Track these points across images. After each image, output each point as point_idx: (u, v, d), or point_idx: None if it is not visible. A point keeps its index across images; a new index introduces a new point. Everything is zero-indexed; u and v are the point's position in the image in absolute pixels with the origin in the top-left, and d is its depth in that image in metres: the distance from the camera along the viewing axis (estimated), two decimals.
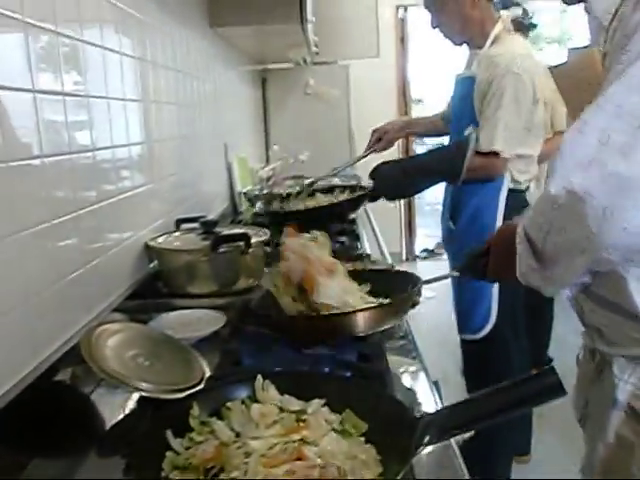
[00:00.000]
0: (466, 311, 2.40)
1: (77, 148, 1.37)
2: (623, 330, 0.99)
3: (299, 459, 0.79)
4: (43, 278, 1.20)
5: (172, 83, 2.20)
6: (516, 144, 2.18)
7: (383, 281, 1.42)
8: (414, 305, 1.27)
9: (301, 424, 0.88)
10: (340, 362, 1.20)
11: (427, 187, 2.28)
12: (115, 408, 1.20)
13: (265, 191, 3.06)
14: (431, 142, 8.48)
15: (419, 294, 1.28)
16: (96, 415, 1.20)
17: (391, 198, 2.32)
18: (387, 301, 1.30)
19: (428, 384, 1.17)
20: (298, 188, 2.67)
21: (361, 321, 1.19)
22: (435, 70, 8.56)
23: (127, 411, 1.19)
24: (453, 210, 2.41)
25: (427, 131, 2.95)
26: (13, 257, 1.09)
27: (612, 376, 1.03)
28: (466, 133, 2.09)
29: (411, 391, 1.14)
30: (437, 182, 2.31)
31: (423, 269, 4.28)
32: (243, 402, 0.98)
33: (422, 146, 8.48)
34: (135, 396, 1.20)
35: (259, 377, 1.00)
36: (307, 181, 2.72)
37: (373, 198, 2.30)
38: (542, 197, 0.96)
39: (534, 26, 3.26)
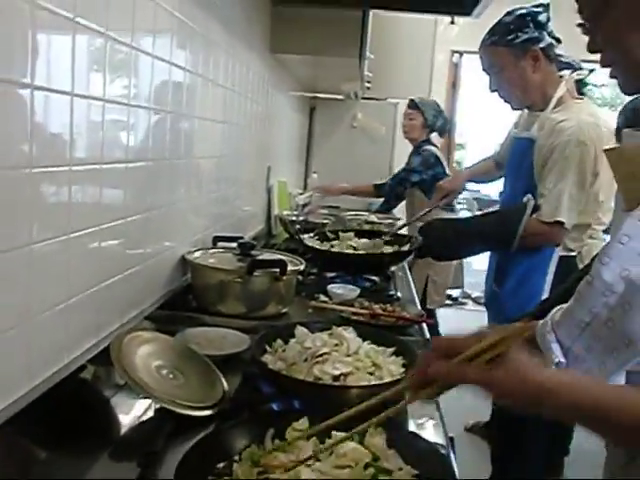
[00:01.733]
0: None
1: (132, 157, 1.41)
2: None
3: None
4: (84, 280, 1.23)
5: (227, 101, 2.24)
6: (577, 214, 2.11)
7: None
8: None
9: None
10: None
11: (479, 252, 2.26)
12: (133, 415, 1.22)
13: (302, 218, 3.10)
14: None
15: None
16: (114, 419, 1.22)
17: (438, 258, 2.30)
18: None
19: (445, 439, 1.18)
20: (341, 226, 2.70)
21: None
22: (481, 118, 8.57)
23: (145, 419, 1.21)
24: (498, 272, 2.34)
25: (479, 180, 2.95)
26: (60, 257, 1.13)
27: None
28: (525, 200, 2.04)
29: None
30: (490, 248, 2.25)
31: (444, 315, 4.26)
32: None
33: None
34: (155, 406, 1.22)
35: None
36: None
37: (420, 255, 2.28)
38: (586, 284, 0.88)
39: (585, 85, 3.08)
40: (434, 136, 3.99)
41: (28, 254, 1.01)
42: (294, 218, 3.06)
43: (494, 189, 4.99)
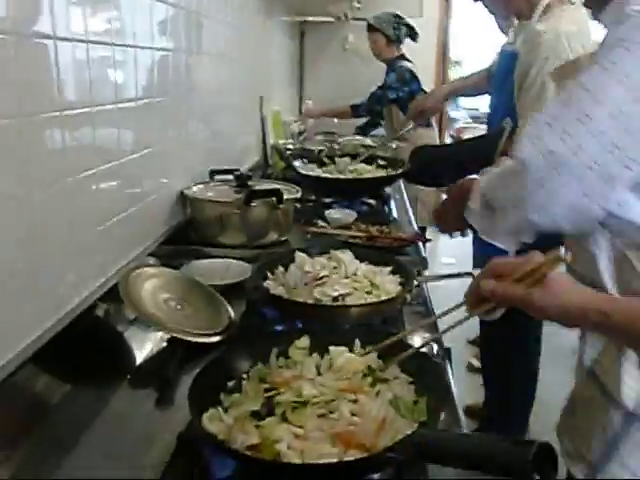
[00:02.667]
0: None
1: (120, 98, 1.43)
2: None
3: None
4: (87, 221, 1.28)
5: (216, 33, 2.22)
6: None
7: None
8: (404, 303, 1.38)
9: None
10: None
11: (461, 177, 2.28)
12: (147, 346, 1.29)
13: (297, 146, 3.10)
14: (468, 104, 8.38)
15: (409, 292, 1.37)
16: (129, 351, 1.29)
17: (425, 184, 2.31)
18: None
19: (441, 351, 1.24)
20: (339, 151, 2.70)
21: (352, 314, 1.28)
22: (477, 33, 8.38)
23: (158, 349, 1.28)
24: None
25: (468, 94, 2.86)
26: (62, 200, 1.17)
27: (581, 343, 1.16)
28: (504, 124, 2.01)
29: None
30: (471, 174, 2.29)
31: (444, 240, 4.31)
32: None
33: (456, 111, 8.38)
34: (165, 336, 1.28)
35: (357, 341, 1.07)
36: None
37: (410, 181, 2.30)
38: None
39: None
40: (409, 48, 3.91)
41: (29, 201, 1.05)
42: (289, 147, 3.07)
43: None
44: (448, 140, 6.31)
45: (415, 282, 1.39)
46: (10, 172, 1.00)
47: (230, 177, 1.98)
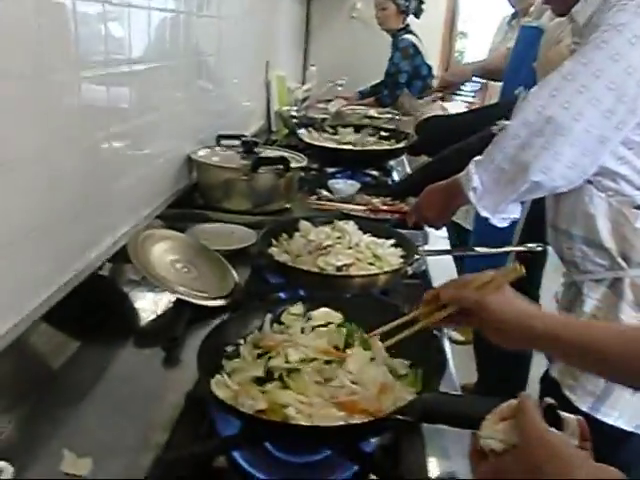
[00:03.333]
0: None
1: (130, 61, 1.43)
2: (593, 260, 1.25)
3: None
4: (96, 182, 1.29)
5: None
6: None
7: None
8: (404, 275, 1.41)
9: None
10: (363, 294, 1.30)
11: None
12: (154, 307, 1.32)
13: (301, 113, 3.10)
14: None
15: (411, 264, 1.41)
16: (136, 311, 1.32)
17: (433, 156, 2.30)
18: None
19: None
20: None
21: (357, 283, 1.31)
22: (483, 4, 8.26)
23: (165, 310, 1.31)
24: None
25: (493, 77, 2.83)
26: (74, 160, 1.18)
27: (582, 296, 1.28)
28: (516, 92, 2.00)
29: None
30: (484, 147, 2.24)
31: None
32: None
33: None
34: (172, 298, 1.31)
35: None
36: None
37: (415, 153, 2.30)
38: (502, 131, 1.22)
39: None
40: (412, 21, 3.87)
41: (45, 160, 1.07)
42: (294, 113, 3.07)
43: None
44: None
45: (416, 256, 1.42)
46: (26, 131, 1.01)
47: (236, 142, 1.98)
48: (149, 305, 1.33)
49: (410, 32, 3.81)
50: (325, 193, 2.04)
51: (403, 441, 0.91)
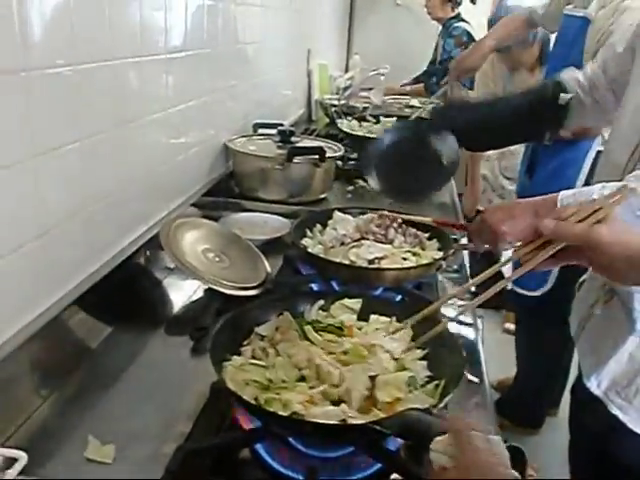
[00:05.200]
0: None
1: (170, 49, 1.43)
2: None
3: None
4: (133, 169, 1.30)
5: None
6: None
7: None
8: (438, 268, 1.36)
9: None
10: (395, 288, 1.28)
11: (506, 145, 2.11)
12: (184, 295, 1.32)
13: (342, 102, 3.06)
14: None
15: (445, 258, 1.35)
16: (167, 298, 1.33)
17: (473, 149, 2.17)
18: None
19: (473, 318, 1.25)
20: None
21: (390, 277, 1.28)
22: None
23: (195, 299, 1.31)
24: (532, 162, 2.28)
25: (508, 42, 2.67)
26: (111, 147, 1.19)
27: (629, 308, 1.13)
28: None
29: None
30: (519, 140, 1.99)
31: None
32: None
33: None
34: (203, 287, 1.32)
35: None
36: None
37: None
38: None
39: None
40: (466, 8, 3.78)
41: (83, 147, 1.07)
42: (335, 102, 3.04)
43: None
44: None
45: (452, 250, 1.38)
46: (65, 120, 1.02)
47: (273, 131, 1.98)
48: (180, 293, 1.34)
49: (463, 20, 3.74)
50: (362, 183, 2.02)
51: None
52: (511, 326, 3.09)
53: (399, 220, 1.43)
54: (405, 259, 1.32)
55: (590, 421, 1.27)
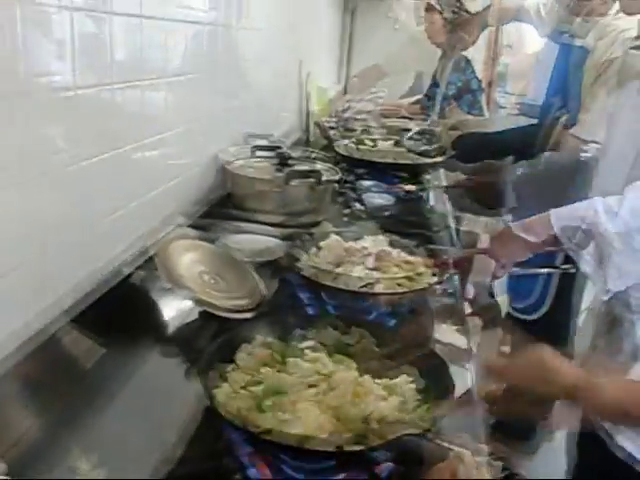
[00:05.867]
0: (519, 287, 2.38)
1: (167, 72, 1.45)
2: None
3: None
4: (131, 190, 1.31)
5: (264, 6, 2.22)
6: None
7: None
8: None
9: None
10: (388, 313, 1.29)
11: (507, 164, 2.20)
12: (179, 316, 1.32)
13: (340, 124, 3.09)
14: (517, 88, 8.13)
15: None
16: (163, 319, 1.33)
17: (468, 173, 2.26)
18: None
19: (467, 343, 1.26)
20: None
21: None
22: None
23: (191, 320, 1.31)
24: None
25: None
26: (106, 172, 1.20)
27: (628, 336, 1.15)
28: (557, 114, 1.92)
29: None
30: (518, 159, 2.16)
31: None
32: None
33: (503, 97, 8.14)
34: (199, 308, 1.32)
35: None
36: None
37: (450, 169, 2.27)
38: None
39: None
40: None
41: (75, 170, 1.08)
42: (332, 124, 3.06)
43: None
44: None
45: (447, 274, 1.39)
46: (64, 140, 1.03)
47: (272, 154, 1.99)
48: (177, 314, 1.33)
49: None
50: (359, 207, 2.03)
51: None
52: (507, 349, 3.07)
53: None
54: (399, 285, 1.33)
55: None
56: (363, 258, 1.38)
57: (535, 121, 2.45)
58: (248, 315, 1.28)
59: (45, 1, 0.95)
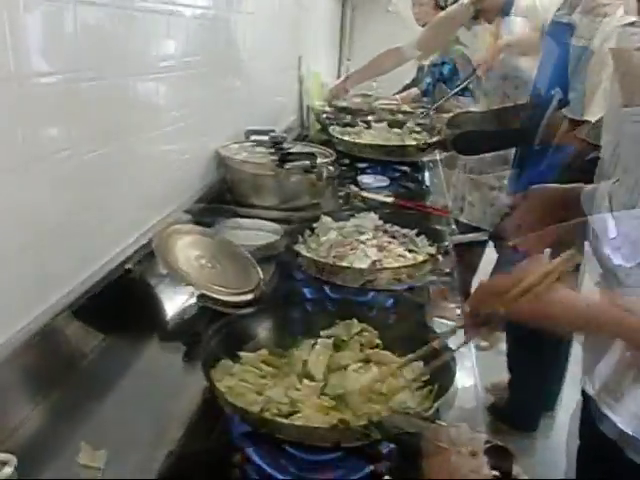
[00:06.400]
0: None
1: (163, 57, 1.44)
2: None
3: None
4: (127, 178, 1.31)
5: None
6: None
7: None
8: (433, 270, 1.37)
9: None
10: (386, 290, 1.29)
11: (501, 147, 2.19)
12: (177, 301, 1.33)
13: (334, 108, 3.08)
14: None
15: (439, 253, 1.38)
16: (160, 305, 1.34)
17: (462, 152, 2.27)
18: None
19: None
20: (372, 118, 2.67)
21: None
22: None
23: (188, 305, 1.31)
24: (519, 167, 2.29)
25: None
26: (105, 156, 1.20)
27: None
28: (552, 92, 1.90)
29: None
30: (511, 143, 2.16)
31: None
32: None
33: None
34: (196, 293, 1.32)
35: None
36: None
37: (445, 148, 2.27)
38: None
39: None
40: None
41: (71, 158, 1.08)
42: (326, 109, 3.05)
43: None
44: None
45: (446, 242, 1.41)
46: (58, 129, 1.03)
47: (266, 138, 1.98)
48: (174, 300, 1.34)
49: None
50: (354, 188, 2.03)
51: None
52: (483, 343, 3.06)
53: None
54: (401, 256, 1.34)
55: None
56: (364, 250, 1.38)
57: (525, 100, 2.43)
58: (246, 298, 1.28)
59: None
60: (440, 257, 1.38)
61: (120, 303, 1.24)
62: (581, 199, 1.14)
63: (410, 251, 1.41)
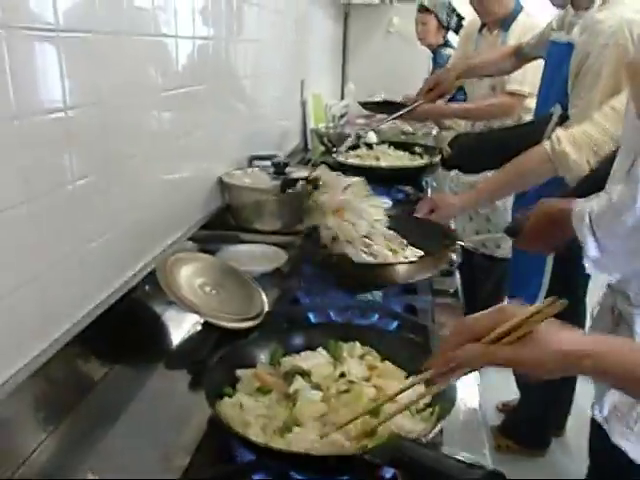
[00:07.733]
0: (520, 275, 2.39)
1: (163, 86, 1.46)
2: None
3: None
4: (130, 206, 1.32)
5: (259, 18, 2.24)
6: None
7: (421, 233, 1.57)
8: (451, 264, 1.42)
9: None
10: (388, 312, 1.30)
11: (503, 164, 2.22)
12: (182, 329, 1.34)
13: (338, 130, 3.10)
14: None
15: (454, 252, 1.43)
16: (166, 333, 1.35)
17: (466, 171, 2.28)
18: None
19: None
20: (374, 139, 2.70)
21: (400, 272, 1.38)
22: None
23: (193, 332, 1.33)
24: None
25: (488, 73, 2.64)
26: (105, 186, 1.21)
27: (631, 332, 1.17)
28: (551, 110, 1.94)
29: None
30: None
31: None
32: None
33: None
34: (201, 320, 1.33)
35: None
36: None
37: (448, 167, 2.28)
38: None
39: None
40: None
41: (72, 190, 1.10)
42: (330, 131, 3.07)
43: None
44: None
45: (460, 243, 1.47)
46: (59, 159, 1.05)
47: (269, 163, 2.00)
48: (179, 327, 1.35)
49: (450, 47, 3.78)
50: None
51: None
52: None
53: None
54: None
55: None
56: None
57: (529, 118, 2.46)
58: (250, 324, 1.29)
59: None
60: (453, 256, 1.43)
61: (127, 331, 1.25)
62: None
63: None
